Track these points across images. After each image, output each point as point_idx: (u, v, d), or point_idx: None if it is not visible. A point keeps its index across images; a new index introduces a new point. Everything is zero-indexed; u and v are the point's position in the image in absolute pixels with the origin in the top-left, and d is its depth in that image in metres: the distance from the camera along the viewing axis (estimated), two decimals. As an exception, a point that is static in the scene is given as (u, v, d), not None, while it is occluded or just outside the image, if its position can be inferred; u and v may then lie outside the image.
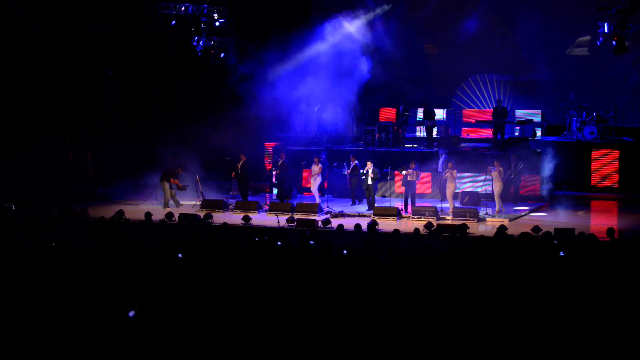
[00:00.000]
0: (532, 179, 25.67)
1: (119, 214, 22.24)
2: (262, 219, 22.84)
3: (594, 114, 27.56)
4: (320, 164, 25.04)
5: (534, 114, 29.05)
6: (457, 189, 24.01)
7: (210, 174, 27.13)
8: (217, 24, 28.04)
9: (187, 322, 11.54)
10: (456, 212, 22.75)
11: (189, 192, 25.26)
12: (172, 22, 27.66)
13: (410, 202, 23.95)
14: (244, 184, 25.60)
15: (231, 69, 28.15)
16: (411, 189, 24.04)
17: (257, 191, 27.57)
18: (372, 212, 23.45)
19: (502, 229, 18.38)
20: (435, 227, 20.42)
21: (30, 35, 27.54)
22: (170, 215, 22.30)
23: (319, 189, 25.19)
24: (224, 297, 12.26)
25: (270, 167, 27.44)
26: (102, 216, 21.68)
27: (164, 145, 26.74)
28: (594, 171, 26.83)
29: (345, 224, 19.71)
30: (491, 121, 27.88)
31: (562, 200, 25.69)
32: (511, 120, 28.44)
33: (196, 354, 11.15)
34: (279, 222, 22.02)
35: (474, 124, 29.70)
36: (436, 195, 25.13)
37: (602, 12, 25.11)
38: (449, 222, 21.91)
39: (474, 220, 22.25)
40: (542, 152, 26.75)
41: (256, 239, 16.94)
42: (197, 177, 25.48)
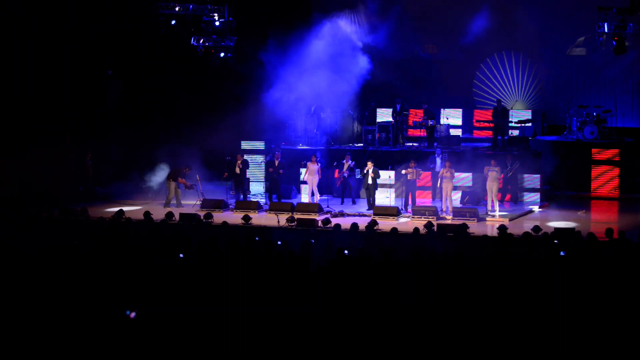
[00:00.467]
0: (532, 179, 25.64)
1: (119, 213, 22.23)
2: (262, 219, 22.85)
3: (594, 114, 27.56)
4: (317, 162, 25.01)
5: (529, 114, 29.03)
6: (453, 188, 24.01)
7: (210, 173, 27.11)
8: (217, 24, 28.03)
9: (187, 322, 11.54)
10: (456, 212, 22.76)
11: (189, 192, 25.26)
12: (172, 22, 27.66)
13: (410, 202, 23.96)
14: (241, 184, 25.60)
15: (231, 68, 28.14)
16: (411, 188, 24.03)
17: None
18: (372, 211, 23.45)
19: (502, 228, 18.41)
20: (435, 227, 20.42)
21: (30, 35, 27.53)
22: (170, 215, 22.30)
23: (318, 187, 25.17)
24: (224, 297, 12.26)
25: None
26: (101, 216, 21.69)
27: (163, 145, 26.74)
28: (594, 171, 26.81)
29: (345, 224, 19.71)
30: (491, 121, 27.88)
31: (562, 200, 25.69)
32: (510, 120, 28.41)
33: (196, 353, 11.14)
34: (278, 221, 22.03)
35: (486, 125, 29.50)
36: (436, 195, 25.12)
37: (602, 12, 25.11)
38: (449, 222, 21.91)
39: (474, 220, 22.26)
40: (542, 152, 26.74)
41: (256, 238, 16.96)
42: (197, 176, 25.48)
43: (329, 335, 11.14)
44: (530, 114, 28.88)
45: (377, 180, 24.30)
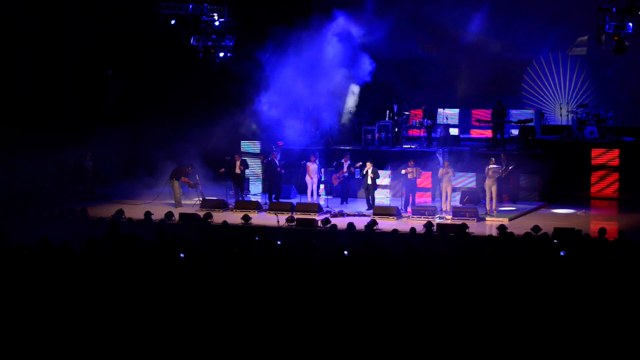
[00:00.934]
0: (532, 179, 25.65)
1: (119, 213, 22.24)
2: (262, 219, 22.85)
3: (594, 114, 27.56)
4: (316, 162, 24.99)
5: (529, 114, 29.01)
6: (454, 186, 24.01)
7: (210, 173, 27.10)
8: (216, 24, 28.03)
9: (187, 322, 11.54)
10: (456, 212, 22.75)
11: (189, 191, 25.25)
12: (172, 22, 27.66)
13: (410, 201, 23.96)
14: (240, 184, 25.60)
15: (231, 68, 28.14)
16: (411, 187, 24.01)
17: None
18: (372, 211, 23.45)
19: (502, 228, 18.41)
20: (434, 227, 20.42)
21: (30, 35, 27.54)
22: (170, 214, 22.29)
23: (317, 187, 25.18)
24: (224, 296, 12.26)
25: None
26: (101, 216, 21.69)
27: (163, 145, 26.72)
28: (594, 171, 26.82)
29: (345, 224, 19.71)
30: (490, 121, 27.86)
31: (561, 199, 25.68)
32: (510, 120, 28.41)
33: (196, 353, 11.15)
34: (278, 221, 22.04)
35: (482, 124, 29.45)
36: (436, 194, 25.13)
37: (602, 12, 25.11)
38: (449, 221, 21.92)
39: (473, 220, 22.26)
40: (542, 151, 26.73)
41: (256, 238, 16.96)
42: (197, 176, 25.48)
43: (329, 335, 11.14)
44: (530, 114, 28.88)
45: (377, 180, 24.31)
